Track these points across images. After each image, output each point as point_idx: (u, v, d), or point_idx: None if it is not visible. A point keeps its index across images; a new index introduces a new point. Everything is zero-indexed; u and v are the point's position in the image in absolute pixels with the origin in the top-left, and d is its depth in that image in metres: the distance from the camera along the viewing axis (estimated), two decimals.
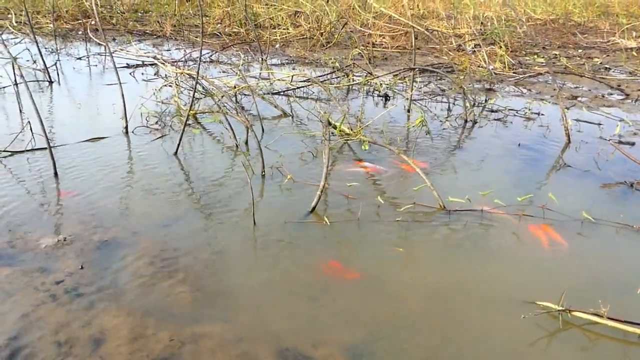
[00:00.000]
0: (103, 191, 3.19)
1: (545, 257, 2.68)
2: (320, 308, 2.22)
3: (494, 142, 4.32)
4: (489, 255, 2.69)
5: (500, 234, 2.89)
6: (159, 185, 3.31)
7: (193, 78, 4.23)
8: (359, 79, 6.07)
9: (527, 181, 3.57)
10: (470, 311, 2.25)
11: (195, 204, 3.10)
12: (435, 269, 2.56)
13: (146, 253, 2.54)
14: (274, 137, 4.19)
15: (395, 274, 2.49)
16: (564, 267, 2.61)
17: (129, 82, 5.95)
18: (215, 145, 4.11)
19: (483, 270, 2.55)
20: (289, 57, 7.54)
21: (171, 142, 4.05)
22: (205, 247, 2.62)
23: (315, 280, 2.41)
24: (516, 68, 6.81)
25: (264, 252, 2.62)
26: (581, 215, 3.02)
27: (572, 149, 4.22)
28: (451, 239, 2.82)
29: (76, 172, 3.45)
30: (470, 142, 4.35)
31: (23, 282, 2.25)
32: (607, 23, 9.98)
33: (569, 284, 2.46)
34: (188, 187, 3.34)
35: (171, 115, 4.74)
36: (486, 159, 3.93)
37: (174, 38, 8.72)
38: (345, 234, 2.83)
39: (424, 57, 7.34)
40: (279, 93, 5.60)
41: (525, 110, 5.17)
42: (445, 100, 5.49)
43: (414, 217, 3.01)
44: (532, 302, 2.31)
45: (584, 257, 2.69)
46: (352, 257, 2.63)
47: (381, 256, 2.64)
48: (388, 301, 2.29)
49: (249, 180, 2.93)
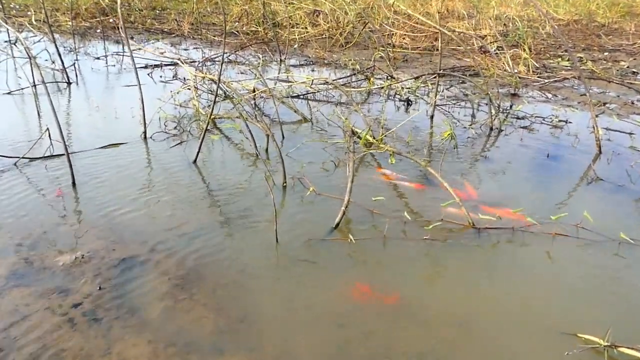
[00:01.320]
0: (122, 203, 3.09)
1: (581, 281, 2.52)
2: (348, 336, 2.09)
3: (521, 152, 4.14)
4: (522, 278, 2.53)
5: (533, 255, 2.73)
6: (178, 197, 3.20)
7: (214, 82, 4.10)
8: (380, 82, 5.90)
9: (559, 196, 3.39)
10: (504, 343, 2.11)
11: (215, 217, 2.99)
12: (465, 293, 2.41)
13: (166, 272, 2.43)
14: (295, 144, 4.06)
15: (424, 299, 2.35)
16: (603, 293, 2.44)
17: (147, 83, 5.86)
18: (235, 153, 3.99)
19: (516, 296, 2.40)
20: (307, 57, 7.39)
21: (190, 148, 3.95)
22: (227, 267, 2.51)
23: (341, 304, 2.28)
24: (540, 72, 6.58)
25: (287, 272, 2.50)
26: (618, 236, 2.84)
27: (603, 161, 4.02)
28: (481, 260, 2.67)
29: (95, 181, 3.36)
30: (496, 151, 4.17)
31: (40, 304, 2.16)
32: (633, 24, 9.63)
33: (609, 312, 2.30)
34: (208, 198, 3.23)
35: (189, 119, 4.63)
36: (514, 171, 3.76)
37: (192, 37, 8.62)
38: (370, 253, 2.69)
39: (445, 60, 7.14)
40: (299, 97, 5.46)
41: (552, 118, 4.97)
42: (468, 105, 5.31)
43: (442, 236, 2.86)
44: (572, 333, 2.16)
45: (623, 282, 2.53)
46: (379, 279, 2.49)
47: (409, 279, 2.50)
48: (418, 329, 2.16)
49: (271, 195, 2.81)
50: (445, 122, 3.27)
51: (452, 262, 2.65)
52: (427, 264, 2.63)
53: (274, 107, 4.52)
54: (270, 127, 4.07)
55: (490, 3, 9.72)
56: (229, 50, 7.47)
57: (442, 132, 3.48)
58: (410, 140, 4.22)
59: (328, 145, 4.08)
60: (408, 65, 6.97)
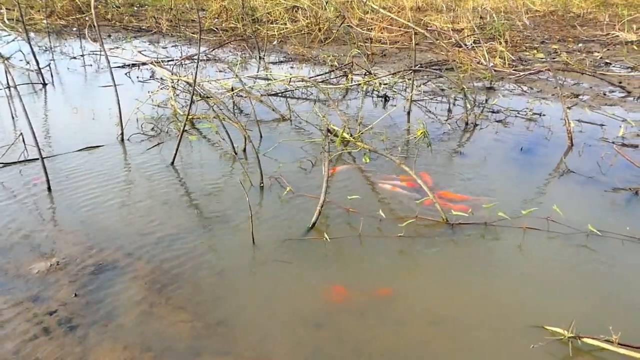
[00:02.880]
0: (98, 207, 3.08)
1: (550, 274, 2.59)
2: (325, 336, 2.13)
3: (495, 147, 4.21)
4: (493, 273, 2.60)
5: (505, 249, 2.80)
6: (156, 200, 3.20)
7: (190, 85, 4.09)
8: (358, 78, 5.92)
9: (530, 189, 3.46)
10: (475, 337, 2.17)
11: (192, 219, 3.00)
12: (438, 290, 2.46)
13: (143, 277, 2.44)
14: (273, 143, 4.06)
15: (397, 297, 2.39)
16: (571, 285, 2.52)
17: (125, 83, 5.80)
18: (213, 154, 3.99)
19: (488, 291, 2.46)
20: (286, 54, 7.37)
21: (167, 150, 3.93)
22: (204, 270, 2.52)
23: (318, 304, 2.32)
24: (516, 64, 6.66)
25: (264, 274, 2.52)
26: (587, 228, 2.92)
27: (575, 153, 4.11)
28: (454, 255, 2.73)
29: (71, 186, 3.34)
30: (472, 146, 4.24)
31: (14, 313, 2.15)
32: (607, 14, 9.79)
33: (577, 304, 2.38)
34: (185, 200, 3.24)
35: (167, 119, 4.61)
36: (488, 166, 3.82)
37: (170, 34, 8.52)
38: (346, 252, 2.73)
39: (423, 54, 7.19)
40: (277, 94, 5.46)
41: (526, 111, 5.05)
42: (445, 100, 5.36)
43: (417, 232, 2.91)
44: (539, 326, 2.22)
45: (591, 273, 2.61)
46: (354, 278, 2.53)
47: (384, 277, 2.54)
48: (392, 327, 2.20)
49: (246, 197, 2.82)
50: (419, 121, 3.31)
51: (426, 258, 2.70)
52: (401, 261, 2.68)
53: (253, 107, 4.51)
54: (246, 127, 4.07)
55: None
56: (208, 48, 7.41)
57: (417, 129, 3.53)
58: (387, 137, 4.25)
59: (305, 144, 4.10)
60: (386, 60, 7.00)
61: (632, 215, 3.14)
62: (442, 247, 2.80)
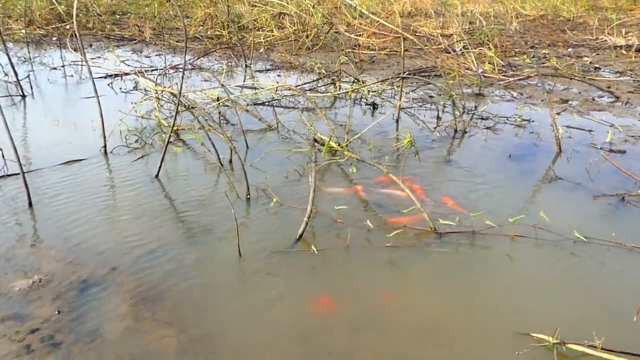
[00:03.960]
0: (81, 222, 3.13)
1: (537, 281, 2.68)
2: (312, 350, 2.20)
3: (484, 154, 4.32)
4: (481, 281, 2.69)
5: (493, 257, 2.89)
6: (140, 213, 3.26)
7: (175, 95, 4.16)
8: (346, 86, 6.04)
9: (519, 197, 3.57)
10: (463, 346, 2.24)
11: (178, 233, 3.06)
12: (426, 299, 2.54)
13: (127, 292, 2.49)
14: (259, 153, 4.14)
15: (386, 307, 2.47)
16: (557, 292, 2.61)
17: (108, 94, 5.85)
18: (198, 165, 4.05)
19: (476, 299, 2.55)
20: (273, 62, 7.48)
21: (152, 162, 3.99)
22: (190, 284, 2.58)
23: (305, 317, 2.39)
24: (506, 70, 6.83)
25: (251, 287, 2.59)
26: (573, 234, 3.03)
27: (563, 159, 4.24)
28: (443, 264, 2.81)
29: (53, 201, 3.38)
30: (460, 154, 4.35)
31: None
32: (596, 18, 10.05)
33: (563, 311, 2.47)
34: (170, 214, 3.29)
35: (152, 131, 4.67)
36: (476, 174, 3.93)
37: (154, 43, 8.60)
38: (334, 263, 2.80)
39: (412, 60, 7.33)
40: (264, 104, 5.55)
41: (515, 117, 5.18)
42: (434, 107, 5.49)
43: (405, 242, 2.99)
44: (526, 333, 2.31)
45: (577, 280, 2.70)
46: (341, 289, 2.60)
47: (372, 288, 2.62)
48: (380, 338, 2.27)
49: (232, 209, 2.89)
50: (406, 129, 3.41)
51: (414, 268, 2.78)
52: (390, 272, 2.76)
53: (238, 118, 4.59)
54: (232, 137, 4.14)
55: (457, 2, 9.99)
56: (192, 57, 7.50)
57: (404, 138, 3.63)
58: (374, 146, 4.35)
59: (293, 154, 4.18)
60: (375, 67, 7.14)
61: (619, 221, 3.26)
62: (431, 256, 2.88)
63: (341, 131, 4.66)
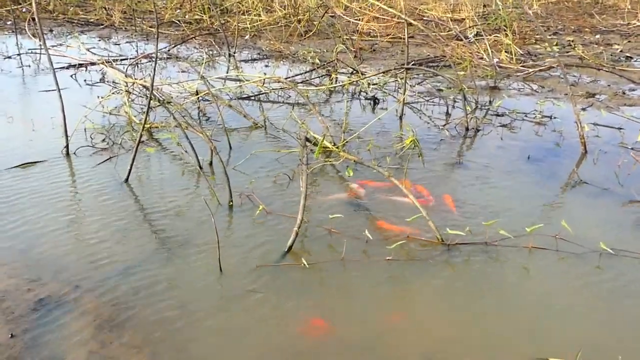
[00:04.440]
0: (39, 233, 3.15)
1: (558, 300, 2.72)
2: None
3: (499, 155, 4.38)
4: (494, 299, 2.72)
5: (507, 272, 2.92)
6: (107, 223, 3.28)
7: (147, 88, 4.19)
8: (344, 78, 6.09)
9: (538, 204, 3.62)
10: None
11: (150, 245, 3.08)
12: (432, 321, 2.57)
13: (92, 312, 2.51)
14: (244, 155, 4.17)
15: (387, 329, 2.50)
16: (580, 312, 2.65)
17: (71, 86, 5.88)
18: (174, 168, 4.08)
19: (488, 320, 2.58)
20: (260, 50, 7.53)
21: (121, 165, 4.01)
22: (163, 304, 2.60)
23: (295, 341, 2.41)
24: (525, 60, 6.91)
25: (233, 307, 2.61)
26: (599, 246, 3.07)
27: (589, 161, 4.29)
28: (451, 280, 2.84)
29: (5, 209, 3.39)
30: (472, 155, 4.40)
31: None
32: (628, 1, 10.17)
33: (586, 332, 2.50)
34: (142, 223, 3.32)
35: (121, 129, 4.70)
36: (490, 178, 3.97)
37: (124, 28, 8.64)
38: (327, 279, 2.83)
39: (418, 49, 7.40)
40: (250, 98, 5.59)
41: (535, 114, 5.24)
42: (443, 102, 5.54)
43: (408, 254, 3.03)
44: (544, 358, 2.34)
45: (602, 298, 2.74)
46: (336, 309, 2.63)
47: (370, 307, 2.64)
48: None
49: (212, 219, 2.91)
50: (408, 128, 3.44)
51: (418, 284, 2.81)
52: (391, 289, 2.79)
53: (220, 114, 4.62)
54: (213, 136, 4.17)
55: None
56: (168, 44, 7.54)
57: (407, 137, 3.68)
58: (375, 146, 4.39)
59: (282, 155, 4.21)
60: (376, 56, 7.20)
61: None
62: (437, 271, 2.91)
63: (337, 129, 4.70)
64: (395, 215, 3.41)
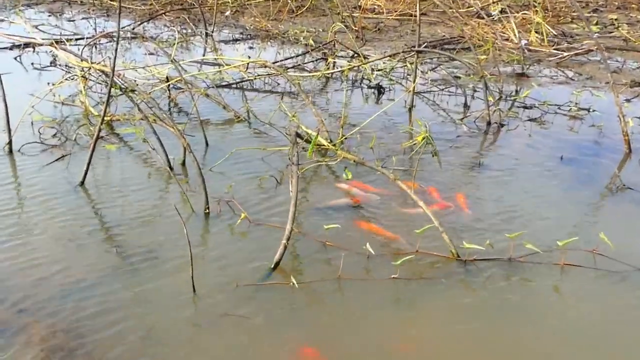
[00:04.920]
0: None
1: (595, 326, 2.74)
2: None
3: (527, 155, 4.42)
4: (520, 326, 2.73)
5: (535, 295, 2.94)
6: (58, 236, 3.28)
7: (107, 74, 4.21)
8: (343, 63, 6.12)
9: (572, 213, 3.65)
10: None
11: (110, 261, 3.09)
12: (447, 352, 2.59)
13: (40, 342, 2.52)
14: (223, 153, 4.18)
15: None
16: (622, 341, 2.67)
17: (15, 70, 5.90)
18: (140, 169, 4.10)
19: (513, 350, 2.60)
20: (243, 29, 7.57)
21: (76, 165, 4.03)
22: (125, 330, 2.61)
23: None
24: (559, 42, 6.96)
25: (207, 333, 2.62)
26: None
27: (633, 162, 4.34)
28: (468, 304, 2.86)
29: None
30: (495, 155, 4.44)
31: None
32: None
33: None
34: (100, 236, 3.33)
35: (75, 122, 4.71)
36: (516, 182, 4.01)
37: (79, 1, 8.66)
38: (321, 301, 2.85)
39: (431, 28, 7.46)
40: (230, 86, 5.61)
41: (570, 106, 5.29)
42: (460, 92, 5.58)
43: (418, 272, 3.05)
44: None
45: None
46: (331, 337, 2.64)
47: (372, 335, 2.66)
48: None
49: (185, 229, 2.93)
50: (419, 122, 3.46)
51: (430, 309, 2.83)
52: (397, 314, 2.80)
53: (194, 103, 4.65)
54: (185, 132, 4.19)
55: None
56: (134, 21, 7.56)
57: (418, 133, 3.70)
58: (379, 144, 4.42)
59: (268, 154, 4.24)
60: (381, 37, 7.25)
61: None
62: (452, 292, 2.93)
63: (334, 124, 4.73)
64: (406, 225, 3.43)
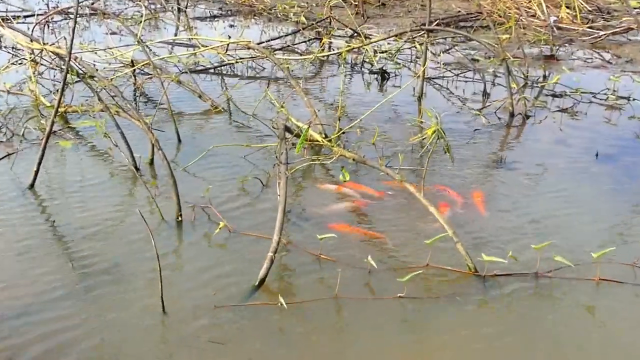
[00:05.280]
0: None
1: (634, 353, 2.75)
2: None
3: (556, 151, 4.43)
4: (548, 350, 2.74)
5: (565, 315, 2.95)
6: (6, 248, 3.27)
7: (62, 58, 4.20)
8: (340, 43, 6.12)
9: (608, 220, 3.66)
10: None
11: (66, 276, 3.08)
12: None
13: None
14: (199, 150, 4.18)
15: None
16: None
17: None
18: (100, 169, 4.10)
19: None
20: (222, 4, 7.56)
21: (24, 164, 4.02)
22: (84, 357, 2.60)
23: None
24: (594, 18, 6.98)
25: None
26: None
27: None
28: (488, 325, 2.86)
29: None
30: (519, 151, 4.45)
31: None
32: None
33: None
34: (53, 247, 3.32)
35: (24, 114, 4.70)
36: (543, 182, 4.02)
37: None
38: (314, 324, 2.84)
39: (444, 2, 7.47)
40: (207, 71, 5.61)
41: (607, 94, 5.30)
42: (479, 77, 5.59)
43: (428, 289, 3.05)
44: None
45: None
46: None
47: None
48: None
49: (152, 240, 2.92)
50: (429, 114, 3.45)
51: (443, 333, 2.82)
52: (405, 339, 2.79)
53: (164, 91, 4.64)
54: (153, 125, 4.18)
55: None
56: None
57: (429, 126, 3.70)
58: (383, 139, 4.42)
59: (252, 152, 4.23)
60: (386, 13, 7.26)
61: None
62: (468, 313, 2.93)
63: (330, 115, 4.73)
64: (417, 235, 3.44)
